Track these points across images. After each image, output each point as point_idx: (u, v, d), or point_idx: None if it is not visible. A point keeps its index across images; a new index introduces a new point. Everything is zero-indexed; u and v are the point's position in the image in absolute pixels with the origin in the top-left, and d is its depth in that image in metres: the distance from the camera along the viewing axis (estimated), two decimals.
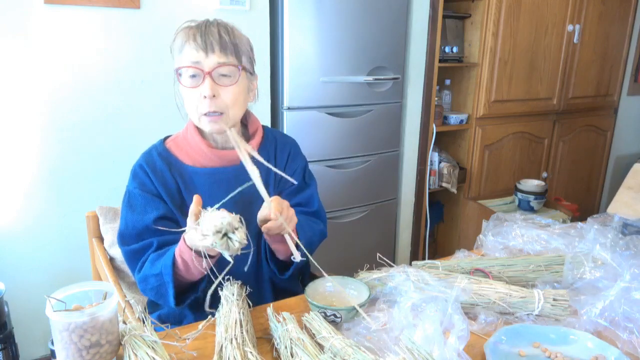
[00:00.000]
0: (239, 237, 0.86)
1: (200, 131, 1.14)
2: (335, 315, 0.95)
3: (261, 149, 1.20)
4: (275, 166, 1.21)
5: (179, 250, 0.99)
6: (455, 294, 0.92)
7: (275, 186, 1.23)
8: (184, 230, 0.96)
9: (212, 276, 0.96)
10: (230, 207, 1.13)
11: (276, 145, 1.25)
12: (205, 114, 1.06)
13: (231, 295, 0.96)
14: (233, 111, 1.09)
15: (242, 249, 0.88)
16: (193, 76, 1.06)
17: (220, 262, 1.05)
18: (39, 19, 1.69)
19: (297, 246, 1.02)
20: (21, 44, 1.68)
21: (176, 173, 1.13)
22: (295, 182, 1.20)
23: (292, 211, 1.03)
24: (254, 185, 1.14)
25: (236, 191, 0.98)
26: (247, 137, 1.20)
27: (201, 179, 1.13)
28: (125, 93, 1.88)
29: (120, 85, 1.87)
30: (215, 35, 1.05)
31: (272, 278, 1.23)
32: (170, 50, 1.13)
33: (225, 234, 0.86)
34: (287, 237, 1.02)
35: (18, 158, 1.76)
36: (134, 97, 1.90)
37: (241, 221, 0.88)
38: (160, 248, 1.07)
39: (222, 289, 1.00)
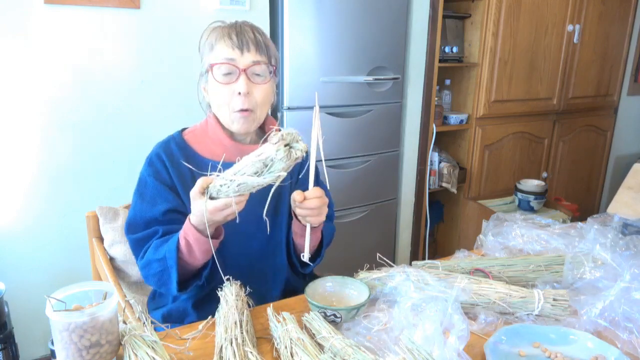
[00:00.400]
0: (301, 147, 0.89)
1: (222, 125, 1.15)
2: (335, 315, 0.95)
3: None
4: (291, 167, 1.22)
5: (184, 232, 0.99)
6: (455, 293, 0.92)
7: (292, 187, 1.24)
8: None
9: (216, 261, 0.97)
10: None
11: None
12: (237, 111, 1.09)
13: (231, 296, 0.96)
14: (261, 110, 1.12)
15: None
16: (227, 73, 1.08)
17: (224, 246, 1.06)
18: (39, 19, 1.69)
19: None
20: (21, 44, 1.68)
21: (192, 164, 1.13)
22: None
23: (326, 202, 1.04)
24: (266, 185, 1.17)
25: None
26: (262, 136, 1.21)
27: (217, 172, 1.14)
28: (125, 93, 1.88)
29: (120, 85, 1.87)
30: (250, 34, 1.08)
31: (288, 278, 1.24)
32: (198, 48, 1.14)
33: (288, 145, 0.88)
34: (307, 230, 1.03)
35: (18, 158, 1.76)
36: (134, 97, 1.90)
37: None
38: (164, 236, 1.07)
39: (221, 289, 1.00)
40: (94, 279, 1.43)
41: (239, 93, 1.07)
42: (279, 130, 1.21)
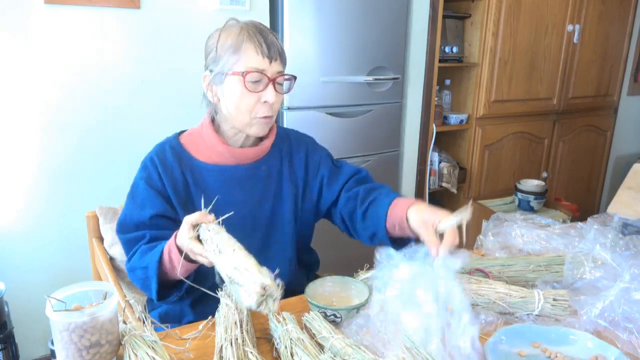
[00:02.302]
0: (274, 308, 0.81)
1: (216, 128, 1.16)
2: (335, 315, 0.95)
3: (274, 148, 1.22)
4: (293, 164, 1.24)
5: (168, 247, 0.99)
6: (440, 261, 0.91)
7: (304, 189, 1.25)
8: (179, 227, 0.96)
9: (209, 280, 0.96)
10: (239, 205, 1.14)
11: (290, 143, 1.26)
12: (261, 117, 1.10)
13: (231, 296, 0.96)
14: (275, 115, 1.14)
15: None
16: (256, 81, 1.07)
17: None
18: (39, 19, 1.69)
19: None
20: (21, 44, 1.68)
21: (186, 168, 1.14)
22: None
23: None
24: (264, 185, 1.17)
25: None
26: (262, 136, 1.20)
27: (212, 176, 1.14)
28: (125, 93, 1.88)
29: (120, 85, 1.87)
30: (277, 43, 1.10)
31: (291, 280, 1.23)
32: (205, 47, 1.13)
33: (264, 297, 0.81)
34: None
35: (18, 158, 1.76)
36: (134, 97, 1.90)
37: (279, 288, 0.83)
38: (151, 241, 1.08)
39: (221, 289, 1.00)
40: (94, 279, 1.43)
41: (266, 102, 1.08)
42: (276, 127, 1.22)
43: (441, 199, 3.08)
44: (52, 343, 0.82)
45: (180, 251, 0.96)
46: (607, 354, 0.89)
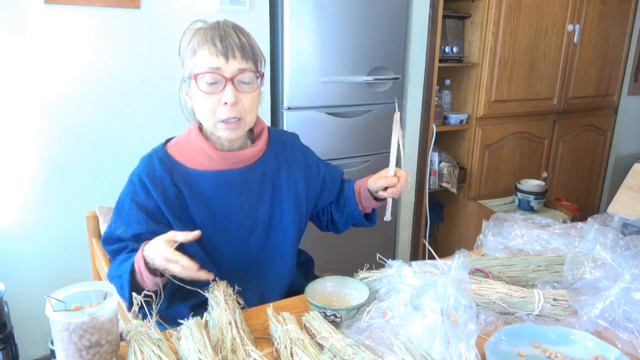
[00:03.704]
0: None
1: (204, 134, 1.12)
2: (335, 315, 0.95)
3: (268, 150, 1.20)
4: (291, 164, 1.24)
5: (136, 259, 0.98)
6: (454, 271, 0.91)
7: (305, 189, 1.25)
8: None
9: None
10: (236, 208, 1.14)
11: (284, 143, 1.25)
12: (223, 120, 1.05)
13: (220, 296, 0.95)
14: (250, 116, 1.08)
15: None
16: (213, 83, 1.03)
17: (217, 250, 1.11)
18: (39, 19, 1.69)
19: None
20: (21, 44, 1.68)
21: (179, 179, 1.10)
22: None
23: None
24: (260, 187, 1.17)
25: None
26: (253, 138, 1.19)
27: (206, 182, 1.11)
28: (125, 93, 1.88)
29: (120, 86, 1.87)
30: (235, 39, 1.02)
31: (293, 282, 1.27)
32: (178, 52, 1.09)
33: None
34: (389, 200, 1.23)
35: (18, 158, 1.76)
36: (134, 97, 1.90)
37: None
38: (132, 250, 1.07)
39: (207, 291, 0.99)
40: (94, 278, 1.44)
41: (225, 103, 1.03)
42: (267, 129, 1.21)
43: (441, 199, 3.08)
44: (52, 343, 0.82)
45: (146, 263, 0.96)
46: (607, 354, 0.89)
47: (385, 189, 1.20)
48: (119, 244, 1.08)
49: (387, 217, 1.23)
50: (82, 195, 1.88)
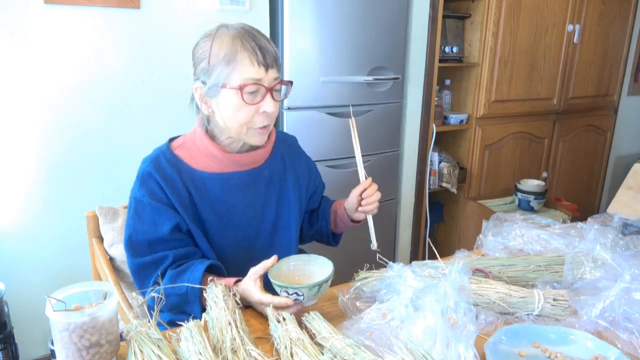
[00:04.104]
0: None
1: (211, 136, 1.12)
2: (297, 294, 0.94)
3: (275, 151, 1.21)
4: (295, 166, 1.25)
5: (228, 284, 1.00)
6: (454, 274, 0.91)
7: (306, 191, 1.26)
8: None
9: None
10: (243, 210, 1.14)
11: (289, 145, 1.27)
12: (260, 127, 1.07)
13: (217, 297, 0.95)
14: (273, 122, 1.11)
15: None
16: (253, 92, 1.03)
17: (224, 251, 1.12)
18: (39, 19, 1.69)
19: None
20: (21, 44, 1.68)
21: (188, 180, 1.09)
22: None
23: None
24: (267, 189, 1.17)
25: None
26: None
27: (214, 185, 1.11)
28: (125, 93, 1.88)
29: (120, 86, 1.87)
30: (270, 49, 1.03)
31: None
32: (192, 55, 1.08)
33: None
34: (369, 220, 1.25)
35: (18, 158, 1.76)
36: (134, 97, 1.90)
37: None
38: (175, 262, 1.05)
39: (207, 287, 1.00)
40: (94, 278, 1.43)
41: (264, 112, 1.04)
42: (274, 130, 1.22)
43: (441, 199, 3.08)
44: (52, 343, 0.81)
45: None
46: (608, 354, 0.89)
47: (361, 204, 1.24)
48: (155, 255, 1.05)
49: (374, 245, 1.23)
50: (82, 195, 1.88)
